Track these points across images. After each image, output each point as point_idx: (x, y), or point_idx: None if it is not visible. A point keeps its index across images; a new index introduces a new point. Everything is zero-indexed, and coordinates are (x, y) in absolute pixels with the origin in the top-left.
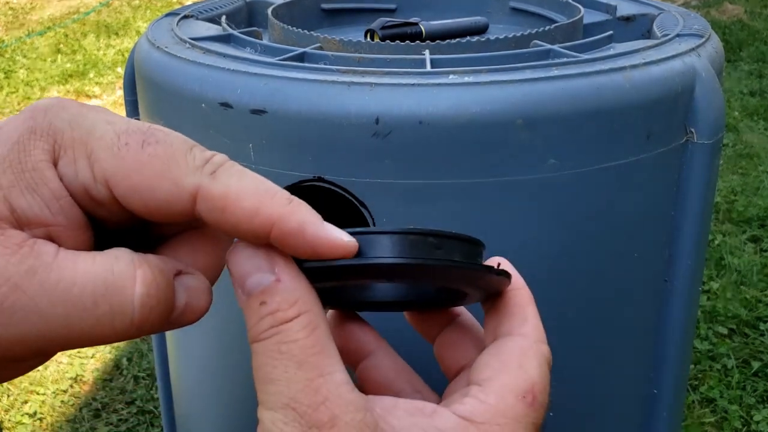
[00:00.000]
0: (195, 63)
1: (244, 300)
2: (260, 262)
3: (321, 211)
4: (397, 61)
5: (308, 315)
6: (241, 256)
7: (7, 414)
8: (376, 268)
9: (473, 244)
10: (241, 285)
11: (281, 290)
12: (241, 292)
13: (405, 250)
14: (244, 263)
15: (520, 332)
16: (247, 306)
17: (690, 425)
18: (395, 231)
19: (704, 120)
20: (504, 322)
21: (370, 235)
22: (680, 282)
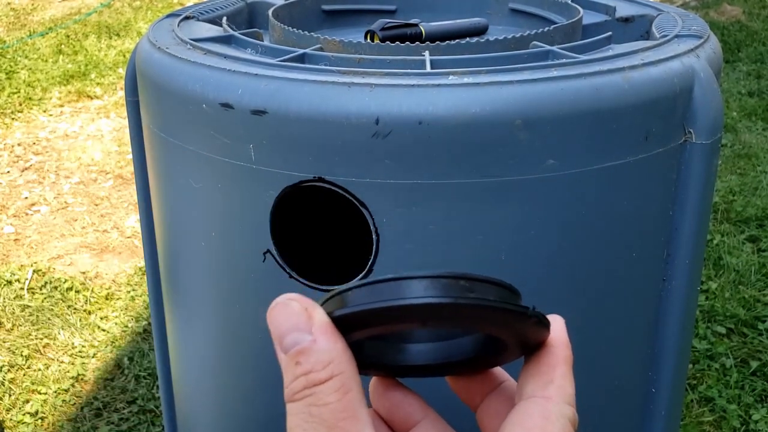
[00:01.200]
0: (196, 64)
1: (283, 358)
2: (299, 321)
3: (321, 211)
4: (397, 62)
5: (341, 378)
6: (282, 314)
7: (8, 413)
8: (408, 309)
9: (507, 289)
10: (279, 342)
11: (316, 351)
12: (279, 350)
13: (436, 291)
14: (283, 321)
15: (544, 394)
16: (284, 364)
17: (688, 424)
18: (426, 275)
19: (703, 120)
20: (530, 382)
21: (400, 281)
22: (679, 281)
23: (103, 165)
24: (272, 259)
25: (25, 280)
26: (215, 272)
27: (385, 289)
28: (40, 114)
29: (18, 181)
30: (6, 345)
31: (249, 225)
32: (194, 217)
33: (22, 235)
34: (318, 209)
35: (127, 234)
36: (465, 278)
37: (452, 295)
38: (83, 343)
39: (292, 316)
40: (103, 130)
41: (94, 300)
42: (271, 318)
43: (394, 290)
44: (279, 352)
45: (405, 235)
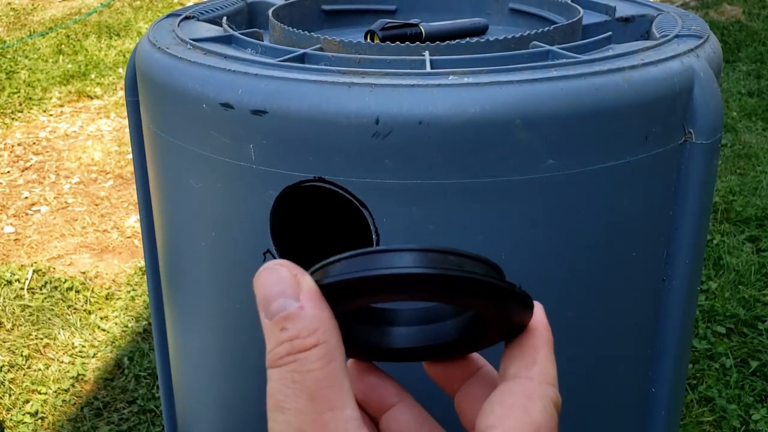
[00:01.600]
0: (196, 64)
1: (267, 323)
2: (286, 287)
3: (321, 211)
4: (397, 62)
5: (326, 346)
6: (270, 279)
7: (8, 413)
8: (397, 279)
9: (493, 268)
10: (264, 307)
11: (303, 317)
12: (264, 315)
13: (425, 262)
14: (271, 286)
15: (527, 375)
16: (267, 329)
17: (688, 424)
18: (416, 248)
19: (702, 120)
20: (514, 363)
21: (391, 252)
22: (678, 281)
23: (103, 165)
24: (272, 258)
25: (25, 280)
26: (215, 272)
27: (375, 259)
28: (40, 114)
29: (18, 181)
30: (6, 345)
31: (249, 225)
32: (194, 217)
33: (22, 235)
34: (318, 209)
35: (127, 234)
36: (454, 253)
37: (441, 267)
38: (83, 343)
39: (280, 282)
40: (103, 130)
41: (94, 300)
42: (258, 282)
43: (384, 260)
44: (263, 317)
45: (405, 235)
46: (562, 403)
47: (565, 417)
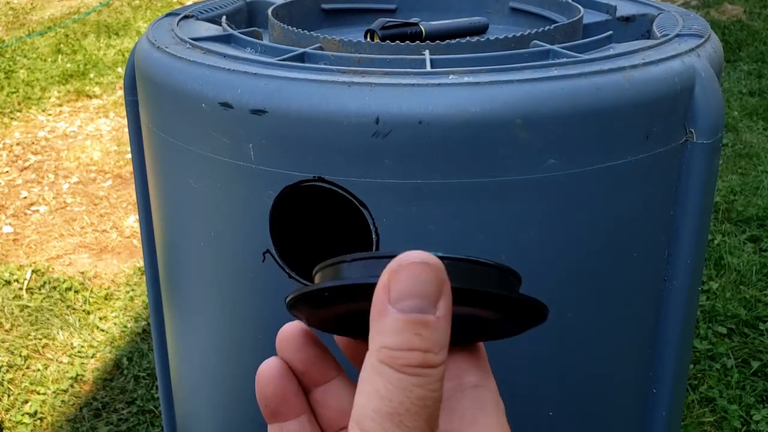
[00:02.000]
0: (195, 63)
1: (397, 315)
2: (431, 289)
3: (321, 211)
4: (397, 62)
5: (444, 367)
6: (421, 273)
7: (7, 414)
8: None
9: (510, 275)
10: (398, 297)
11: (438, 330)
12: (394, 309)
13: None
14: (414, 282)
15: (489, 386)
16: (395, 323)
17: (689, 425)
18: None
19: (703, 120)
20: (472, 372)
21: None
22: (679, 281)
23: (102, 165)
24: (272, 259)
25: (24, 280)
26: (215, 272)
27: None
28: (38, 113)
29: (17, 180)
30: (5, 345)
31: (249, 225)
32: (194, 217)
33: (21, 235)
34: (318, 209)
35: (126, 234)
36: (466, 261)
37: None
38: (82, 344)
39: (428, 282)
40: (102, 130)
41: (93, 300)
42: (406, 271)
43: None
44: (390, 305)
45: (405, 235)
46: (563, 401)
47: (565, 417)
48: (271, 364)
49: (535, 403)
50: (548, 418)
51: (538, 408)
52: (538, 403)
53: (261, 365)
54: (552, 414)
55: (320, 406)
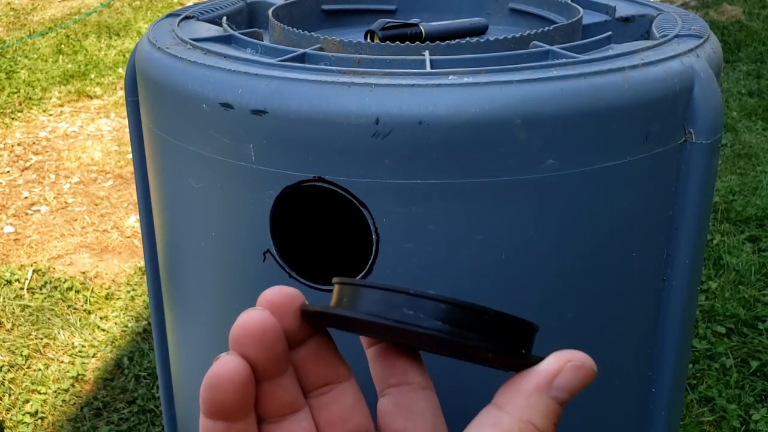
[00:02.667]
0: (196, 64)
1: (550, 402)
2: (576, 393)
3: (321, 211)
4: (397, 62)
5: None
6: (586, 380)
7: (8, 413)
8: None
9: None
10: (561, 390)
11: (557, 421)
12: (552, 394)
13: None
14: (581, 386)
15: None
16: (547, 407)
17: (688, 424)
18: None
19: (703, 120)
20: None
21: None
22: (679, 281)
23: (103, 165)
24: (272, 259)
25: (25, 280)
26: (215, 272)
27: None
28: (39, 114)
29: (18, 180)
30: (6, 345)
31: (249, 225)
32: (194, 217)
33: (22, 235)
34: (318, 209)
35: (126, 234)
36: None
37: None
38: (83, 343)
39: (581, 389)
40: (103, 130)
41: (93, 300)
42: (583, 369)
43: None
44: (550, 385)
45: (405, 235)
46: None
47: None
48: (236, 367)
49: None
50: None
51: None
52: None
53: (219, 364)
54: None
55: (320, 408)
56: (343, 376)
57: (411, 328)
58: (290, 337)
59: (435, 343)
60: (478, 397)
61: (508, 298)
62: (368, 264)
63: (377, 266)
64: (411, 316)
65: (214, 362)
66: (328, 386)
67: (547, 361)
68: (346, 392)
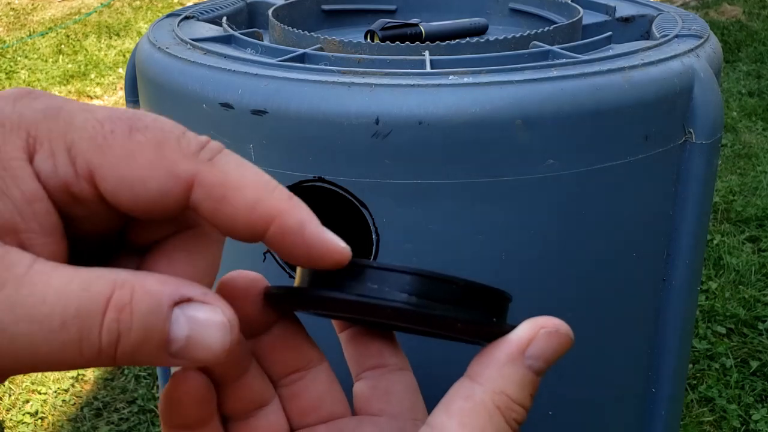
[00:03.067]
0: (196, 64)
1: (525, 371)
2: (553, 362)
3: (321, 211)
4: (397, 62)
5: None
6: (561, 346)
7: (8, 413)
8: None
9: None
10: (535, 357)
11: (536, 391)
12: (527, 363)
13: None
14: (557, 353)
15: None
16: (522, 377)
17: (688, 424)
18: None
19: (703, 120)
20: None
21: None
22: (679, 281)
23: None
24: (272, 259)
25: None
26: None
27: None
28: None
29: None
30: None
31: None
32: None
33: None
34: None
35: None
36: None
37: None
38: None
39: (559, 356)
40: None
41: None
42: (556, 336)
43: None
44: (522, 354)
45: (405, 235)
46: (562, 401)
47: (565, 416)
48: (193, 383)
49: (534, 403)
50: (547, 418)
51: (536, 407)
52: (536, 403)
53: (174, 381)
54: (551, 413)
55: (291, 397)
56: (313, 362)
57: (374, 302)
58: (254, 323)
59: (400, 315)
60: (458, 374)
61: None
62: None
63: None
64: (375, 290)
65: (170, 377)
66: (297, 373)
67: (520, 328)
68: (317, 378)
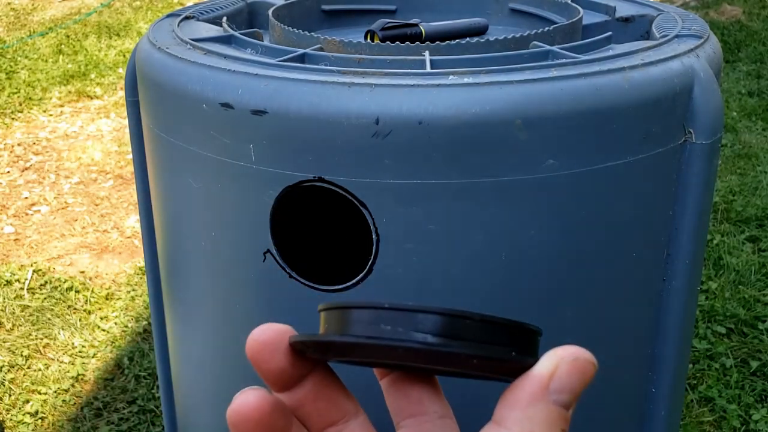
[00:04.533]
0: (196, 64)
1: (552, 408)
2: (580, 392)
3: (321, 211)
4: (397, 62)
5: None
6: (585, 373)
7: (8, 413)
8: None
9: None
10: (559, 391)
11: (568, 424)
12: (551, 398)
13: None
14: (581, 381)
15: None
16: (548, 414)
17: (688, 424)
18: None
19: (703, 120)
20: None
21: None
22: (679, 281)
23: (103, 165)
24: (272, 259)
25: (25, 280)
26: (215, 272)
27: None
28: (40, 114)
29: (18, 181)
30: (6, 345)
31: (249, 225)
32: (194, 217)
33: (22, 235)
34: (318, 209)
35: (127, 234)
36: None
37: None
38: (83, 343)
39: (585, 384)
40: (103, 130)
41: (94, 300)
42: (578, 363)
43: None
44: (546, 390)
45: (405, 235)
46: None
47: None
48: (258, 400)
49: None
50: None
51: None
52: None
53: (240, 398)
54: None
55: None
56: (349, 414)
57: (387, 343)
58: (285, 376)
59: (415, 355)
60: None
61: (508, 298)
62: (368, 264)
63: (377, 266)
64: (388, 331)
65: None
66: (333, 427)
67: (540, 363)
68: (353, 431)
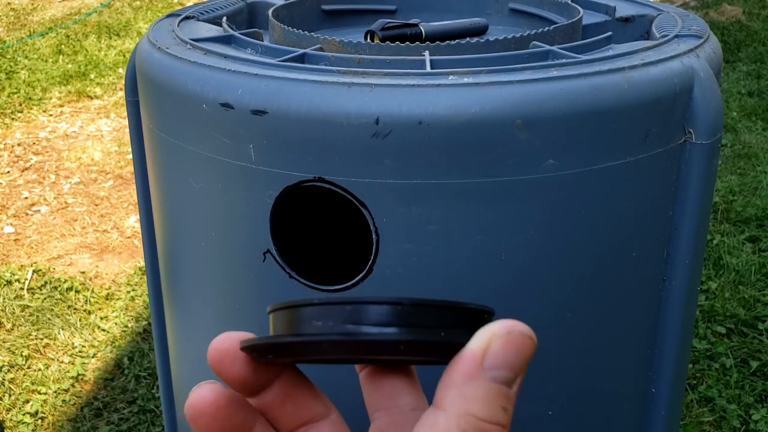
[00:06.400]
0: (196, 64)
1: (489, 385)
2: (523, 367)
3: (321, 211)
4: (397, 62)
5: None
6: (522, 347)
7: (8, 413)
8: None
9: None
10: (495, 368)
11: (512, 406)
12: (487, 375)
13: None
14: (518, 355)
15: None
16: (485, 392)
17: (688, 424)
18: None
19: (702, 120)
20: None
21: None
22: (679, 281)
23: (103, 165)
24: (272, 259)
25: (25, 280)
26: (215, 272)
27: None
28: (40, 114)
29: (18, 181)
30: (6, 345)
31: (249, 225)
32: (194, 217)
33: (22, 235)
34: (318, 209)
35: (127, 234)
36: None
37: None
38: (83, 343)
39: (525, 358)
40: (103, 130)
41: (94, 300)
42: (512, 338)
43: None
44: (480, 367)
45: (405, 235)
46: (562, 401)
47: (564, 416)
48: (213, 394)
49: (534, 403)
50: (547, 418)
51: (536, 407)
52: (536, 403)
53: (195, 392)
54: (551, 413)
55: None
56: (318, 415)
57: (310, 339)
58: (249, 382)
59: (340, 348)
60: None
61: (507, 298)
62: (368, 264)
63: (377, 266)
64: (319, 326)
65: None
66: (303, 427)
67: (472, 341)
68: (323, 431)
